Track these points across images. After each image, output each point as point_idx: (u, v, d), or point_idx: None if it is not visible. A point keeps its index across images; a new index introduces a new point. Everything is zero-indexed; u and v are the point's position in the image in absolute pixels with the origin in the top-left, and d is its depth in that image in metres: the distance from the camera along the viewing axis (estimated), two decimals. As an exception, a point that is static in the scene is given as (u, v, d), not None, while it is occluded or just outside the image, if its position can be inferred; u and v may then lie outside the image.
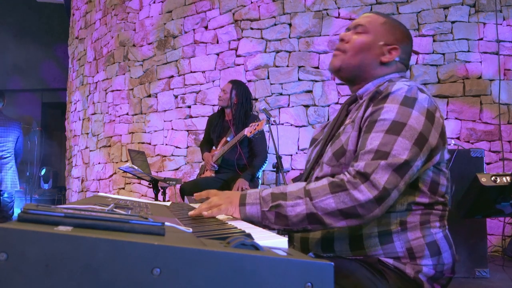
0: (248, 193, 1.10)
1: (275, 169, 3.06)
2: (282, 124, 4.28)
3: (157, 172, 4.90)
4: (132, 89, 5.31)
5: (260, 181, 3.52)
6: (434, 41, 4.05)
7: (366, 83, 1.23)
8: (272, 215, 1.04)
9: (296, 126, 4.27)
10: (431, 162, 1.09)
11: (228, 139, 3.36)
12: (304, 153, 4.13)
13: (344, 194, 0.99)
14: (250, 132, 3.02)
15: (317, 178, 1.18)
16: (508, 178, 2.01)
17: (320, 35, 4.29)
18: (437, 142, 1.08)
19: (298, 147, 4.24)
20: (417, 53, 4.07)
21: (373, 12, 1.32)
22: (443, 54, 4.02)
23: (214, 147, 3.57)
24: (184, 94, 4.84)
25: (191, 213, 1.09)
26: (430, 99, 1.10)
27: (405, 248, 1.08)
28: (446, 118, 3.97)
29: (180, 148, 4.85)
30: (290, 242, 1.21)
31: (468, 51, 3.99)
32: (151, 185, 3.57)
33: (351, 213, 0.99)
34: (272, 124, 3.06)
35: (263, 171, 4.23)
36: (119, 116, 5.44)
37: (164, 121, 4.98)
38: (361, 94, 1.24)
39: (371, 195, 0.97)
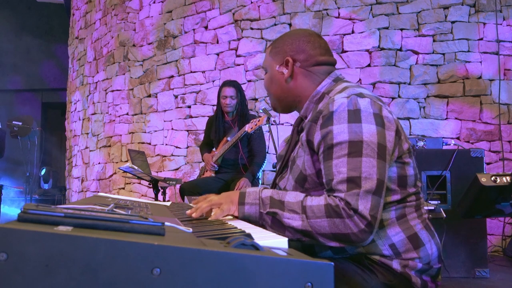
0: (248, 192, 1.12)
1: (275, 169, 3.06)
2: (282, 124, 4.28)
3: (157, 172, 4.90)
4: (132, 89, 5.31)
5: (260, 181, 3.52)
6: (434, 41, 4.05)
7: (304, 103, 1.25)
8: (269, 219, 1.08)
9: (296, 126, 4.27)
10: (392, 159, 1.10)
11: (229, 138, 3.36)
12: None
13: (339, 220, 1.01)
14: (251, 128, 3.05)
15: None
16: (508, 178, 2.01)
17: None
18: (394, 141, 1.09)
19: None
20: (417, 53, 4.07)
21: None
22: (443, 54, 4.02)
23: (214, 149, 3.57)
24: (184, 94, 4.84)
25: (193, 214, 1.10)
26: (372, 101, 1.09)
27: (387, 245, 1.09)
28: (446, 118, 3.97)
29: (180, 148, 4.85)
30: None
31: (468, 51, 3.99)
32: (151, 185, 3.57)
33: (344, 239, 1.02)
34: (272, 124, 3.07)
35: (263, 171, 4.23)
36: (119, 116, 5.44)
37: (164, 121, 4.98)
38: (304, 114, 1.25)
39: (363, 226, 1.00)
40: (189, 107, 4.81)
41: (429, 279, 1.12)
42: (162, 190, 3.80)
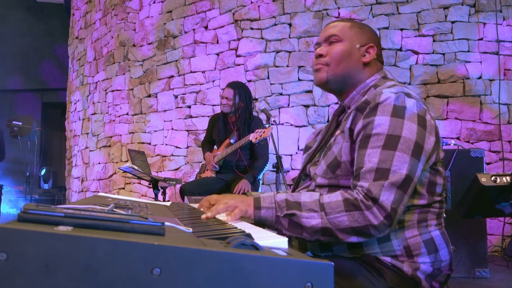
0: (262, 197, 1.12)
1: (275, 169, 3.06)
2: (282, 124, 4.28)
3: (157, 172, 4.90)
4: (132, 89, 5.31)
5: (260, 182, 3.51)
6: (434, 41, 4.05)
7: (351, 92, 1.25)
8: (286, 222, 1.07)
9: (296, 126, 4.27)
10: (428, 164, 1.10)
11: (232, 141, 3.35)
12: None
13: (358, 213, 1.01)
14: (256, 139, 3.01)
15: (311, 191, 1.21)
16: (508, 178, 2.01)
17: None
18: (433, 144, 1.09)
19: (298, 147, 4.24)
20: (417, 53, 4.07)
21: (336, 20, 1.33)
22: (443, 54, 4.02)
23: (215, 147, 3.57)
24: (184, 94, 4.84)
25: (205, 216, 1.06)
26: (419, 103, 1.10)
27: (402, 246, 1.09)
28: (446, 118, 3.97)
29: (180, 148, 4.85)
30: (289, 241, 1.22)
31: (468, 51, 3.99)
32: (151, 185, 3.57)
33: (363, 232, 1.02)
34: (272, 124, 3.06)
35: (263, 171, 4.23)
36: (119, 116, 5.44)
37: (164, 121, 4.98)
38: (348, 104, 1.26)
39: (382, 218, 1.00)
40: (189, 107, 4.81)
41: (437, 285, 1.13)
42: (162, 190, 3.80)
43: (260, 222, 1.08)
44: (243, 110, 3.35)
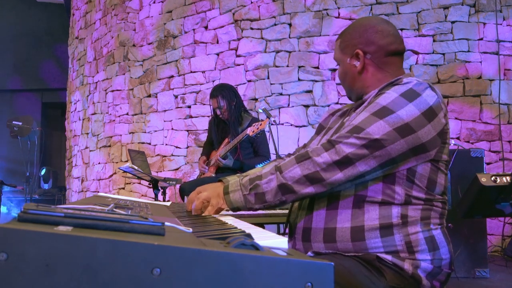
0: (230, 183, 1.19)
1: (275, 169, 3.06)
2: (282, 124, 4.28)
3: (157, 172, 4.90)
4: (132, 89, 5.31)
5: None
6: (434, 41, 4.05)
7: (371, 91, 1.25)
8: (252, 197, 1.12)
9: (296, 126, 4.27)
10: (426, 155, 1.10)
11: (231, 140, 3.36)
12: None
13: (308, 161, 1.07)
14: (253, 132, 3.03)
15: None
16: (508, 178, 2.01)
17: (320, 35, 4.29)
18: (432, 138, 1.08)
19: (298, 147, 4.24)
20: (417, 53, 4.07)
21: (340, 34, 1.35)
22: (443, 54, 4.02)
23: (215, 149, 3.58)
24: (184, 94, 4.84)
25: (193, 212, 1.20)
26: (438, 99, 1.11)
27: (404, 242, 1.09)
28: (446, 118, 3.97)
29: (180, 148, 4.85)
30: (291, 234, 1.22)
31: (468, 51, 3.99)
32: (151, 185, 3.56)
33: (315, 177, 1.06)
34: (272, 124, 3.06)
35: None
36: (119, 116, 5.44)
37: (164, 121, 4.98)
38: (366, 98, 1.26)
39: (331, 159, 1.04)
40: (189, 107, 4.81)
41: (438, 284, 1.13)
42: (162, 190, 3.80)
43: (233, 208, 1.15)
44: (232, 109, 3.33)
